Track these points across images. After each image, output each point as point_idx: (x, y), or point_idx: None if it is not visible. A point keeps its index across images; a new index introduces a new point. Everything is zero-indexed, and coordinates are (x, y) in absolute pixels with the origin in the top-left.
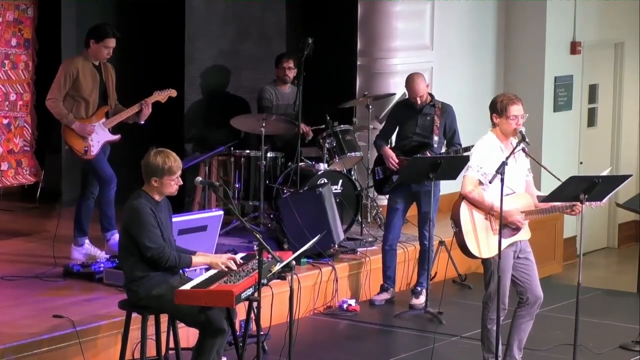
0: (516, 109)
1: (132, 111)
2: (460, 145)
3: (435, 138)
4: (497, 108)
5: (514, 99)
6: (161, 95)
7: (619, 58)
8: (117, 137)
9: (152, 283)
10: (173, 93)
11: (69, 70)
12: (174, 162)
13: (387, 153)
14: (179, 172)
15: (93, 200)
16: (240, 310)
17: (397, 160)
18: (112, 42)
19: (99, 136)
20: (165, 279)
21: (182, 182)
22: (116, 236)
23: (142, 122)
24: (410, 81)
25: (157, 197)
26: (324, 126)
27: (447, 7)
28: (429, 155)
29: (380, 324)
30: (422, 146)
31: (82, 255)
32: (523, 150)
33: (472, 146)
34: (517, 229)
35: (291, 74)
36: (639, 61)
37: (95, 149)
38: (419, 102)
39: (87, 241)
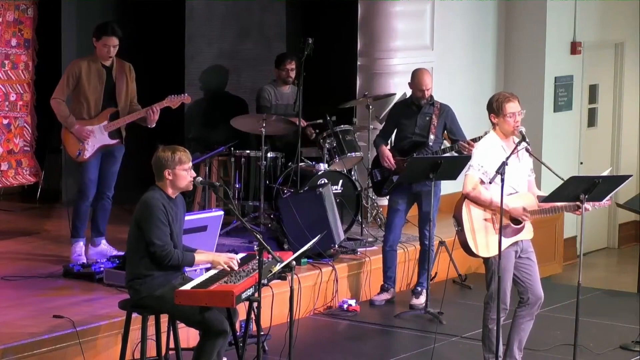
0: (512, 106)
1: (136, 116)
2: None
3: (432, 137)
4: (494, 107)
5: (509, 97)
6: (173, 102)
7: (619, 58)
8: (114, 141)
9: (155, 283)
10: (187, 99)
11: (72, 70)
12: (183, 152)
13: (384, 152)
14: (190, 163)
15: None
16: (241, 311)
17: (393, 161)
18: (110, 41)
19: (96, 140)
20: (168, 280)
21: (195, 174)
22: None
23: (151, 126)
24: (418, 75)
25: (171, 192)
26: (320, 121)
27: (447, 7)
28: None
29: (380, 324)
30: (418, 145)
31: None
32: (527, 150)
33: (480, 137)
34: (519, 228)
35: (293, 74)
36: (639, 61)
37: (88, 153)
38: (426, 95)
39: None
